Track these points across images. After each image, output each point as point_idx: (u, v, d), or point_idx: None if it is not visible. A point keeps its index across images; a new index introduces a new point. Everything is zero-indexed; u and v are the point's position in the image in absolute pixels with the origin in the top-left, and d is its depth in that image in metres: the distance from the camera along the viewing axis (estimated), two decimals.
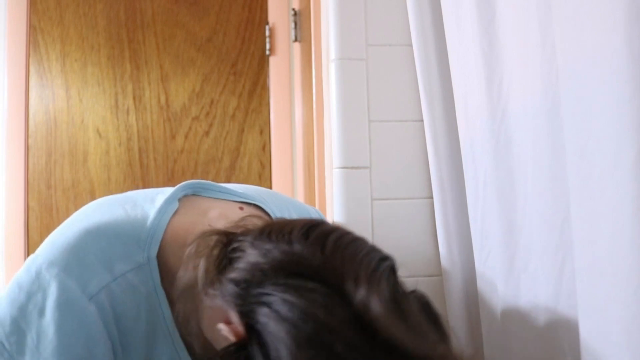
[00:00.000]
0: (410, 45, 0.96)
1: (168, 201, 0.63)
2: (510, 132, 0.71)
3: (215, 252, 0.54)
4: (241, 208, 0.67)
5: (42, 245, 0.59)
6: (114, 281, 0.57)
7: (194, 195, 0.67)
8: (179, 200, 0.64)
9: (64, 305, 0.54)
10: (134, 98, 1.75)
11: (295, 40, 1.68)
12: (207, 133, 1.77)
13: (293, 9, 1.70)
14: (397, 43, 0.97)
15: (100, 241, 0.58)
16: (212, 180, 0.72)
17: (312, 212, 0.80)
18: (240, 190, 0.71)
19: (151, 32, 1.77)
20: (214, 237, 0.55)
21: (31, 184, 1.70)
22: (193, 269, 0.54)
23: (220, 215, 0.63)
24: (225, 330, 0.49)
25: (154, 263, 0.58)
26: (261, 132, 1.79)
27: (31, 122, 1.72)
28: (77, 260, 0.56)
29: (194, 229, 0.59)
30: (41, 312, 0.55)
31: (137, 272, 0.58)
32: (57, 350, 0.54)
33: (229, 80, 1.79)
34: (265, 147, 1.79)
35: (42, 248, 0.58)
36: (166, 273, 0.59)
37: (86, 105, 1.74)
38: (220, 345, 0.51)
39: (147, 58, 1.77)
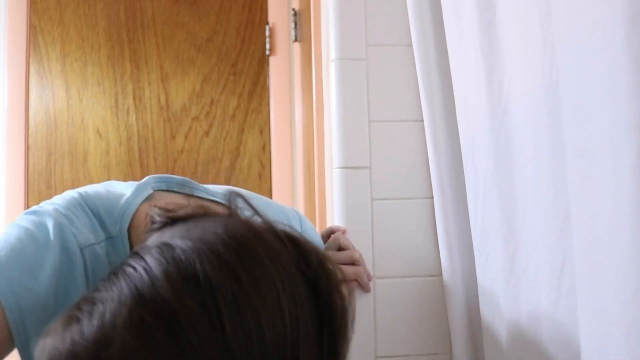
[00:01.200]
0: (410, 45, 0.96)
1: (142, 186, 0.67)
2: (510, 132, 0.71)
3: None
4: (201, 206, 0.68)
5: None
6: (98, 244, 0.61)
7: (167, 191, 0.69)
8: (154, 190, 0.68)
9: (62, 242, 0.59)
10: (134, 98, 1.76)
11: (295, 40, 1.68)
12: (207, 133, 1.77)
13: (293, 9, 1.70)
14: (397, 43, 0.97)
15: (88, 205, 0.63)
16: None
17: (289, 213, 0.81)
18: (218, 191, 0.72)
19: (151, 32, 1.77)
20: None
21: (31, 183, 1.70)
22: None
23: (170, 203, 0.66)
24: None
25: (125, 236, 0.62)
26: (261, 132, 1.79)
27: (31, 122, 1.72)
28: (73, 211, 0.62)
29: None
30: (44, 245, 0.59)
31: (112, 242, 0.62)
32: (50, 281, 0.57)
33: (229, 80, 1.79)
34: (265, 147, 1.79)
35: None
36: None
37: (86, 105, 1.74)
38: None
39: (147, 58, 1.77)
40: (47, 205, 0.62)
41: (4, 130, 1.70)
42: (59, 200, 0.63)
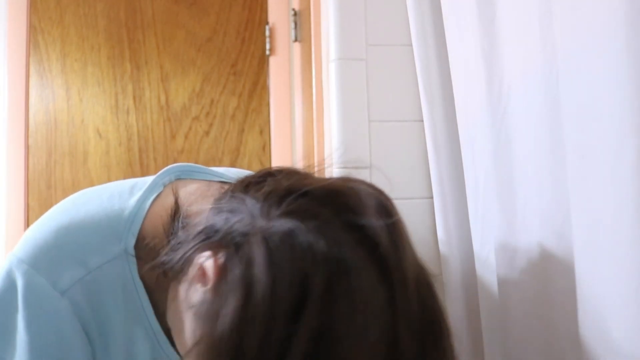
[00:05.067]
0: (410, 45, 0.96)
1: (149, 189, 0.61)
2: (510, 132, 0.71)
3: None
4: (222, 188, 0.65)
5: (18, 242, 0.59)
6: (89, 274, 0.56)
7: (177, 179, 0.65)
8: (164, 185, 0.63)
9: (33, 302, 0.54)
10: (134, 98, 1.75)
11: (295, 40, 1.68)
12: (207, 133, 1.77)
13: (293, 9, 1.70)
14: (397, 43, 0.97)
15: (74, 236, 0.57)
16: None
17: None
18: (227, 174, 0.69)
19: (151, 32, 1.77)
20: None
21: (31, 183, 1.70)
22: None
23: (197, 189, 0.61)
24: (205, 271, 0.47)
25: (131, 253, 0.57)
26: (261, 132, 1.79)
27: (31, 122, 1.72)
28: (47, 256, 0.56)
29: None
30: (12, 309, 0.55)
31: (113, 263, 0.57)
32: (28, 347, 0.54)
33: (229, 80, 1.79)
34: (265, 147, 1.79)
35: (17, 245, 0.58)
36: (146, 260, 0.57)
37: (86, 105, 1.74)
38: (183, 333, 0.50)
39: (147, 58, 1.77)
40: (16, 261, 0.56)
41: (4, 130, 1.70)
42: (38, 239, 0.57)
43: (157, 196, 0.61)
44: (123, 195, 0.61)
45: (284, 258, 0.42)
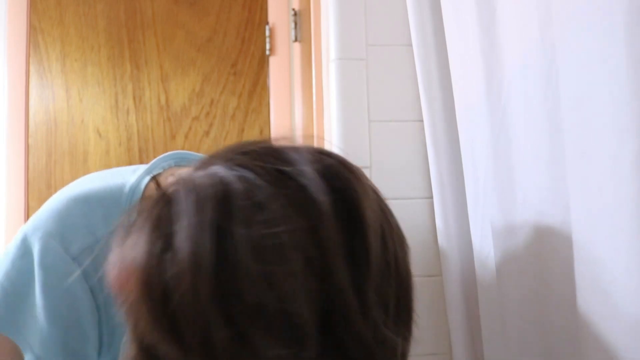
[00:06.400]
0: (410, 45, 0.96)
1: (149, 169, 0.64)
2: (510, 132, 0.71)
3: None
4: None
5: (29, 219, 0.62)
6: (97, 243, 0.59)
7: (176, 165, 0.68)
8: (164, 169, 0.66)
9: (48, 266, 0.57)
10: (134, 98, 1.75)
11: (295, 40, 1.68)
12: (207, 133, 1.77)
13: (293, 9, 1.70)
14: (397, 43, 0.97)
15: (83, 206, 0.60)
16: None
17: None
18: None
19: (151, 32, 1.77)
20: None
21: (31, 183, 1.70)
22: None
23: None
24: None
25: None
26: (261, 132, 1.79)
27: (31, 122, 1.72)
28: (60, 223, 0.59)
29: None
30: (30, 276, 0.58)
31: None
32: (44, 309, 0.57)
33: (229, 80, 1.79)
34: None
35: (28, 220, 0.62)
36: None
37: (86, 105, 1.74)
38: None
39: (147, 58, 1.77)
40: (31, 229, 0.59)
41: (4, 130, 1.70)
42: (49, 209, 0.60)
43: (156, 176, 0.64)
44: (126, 174, 0.65)
45: (199, 194, 0.40)
